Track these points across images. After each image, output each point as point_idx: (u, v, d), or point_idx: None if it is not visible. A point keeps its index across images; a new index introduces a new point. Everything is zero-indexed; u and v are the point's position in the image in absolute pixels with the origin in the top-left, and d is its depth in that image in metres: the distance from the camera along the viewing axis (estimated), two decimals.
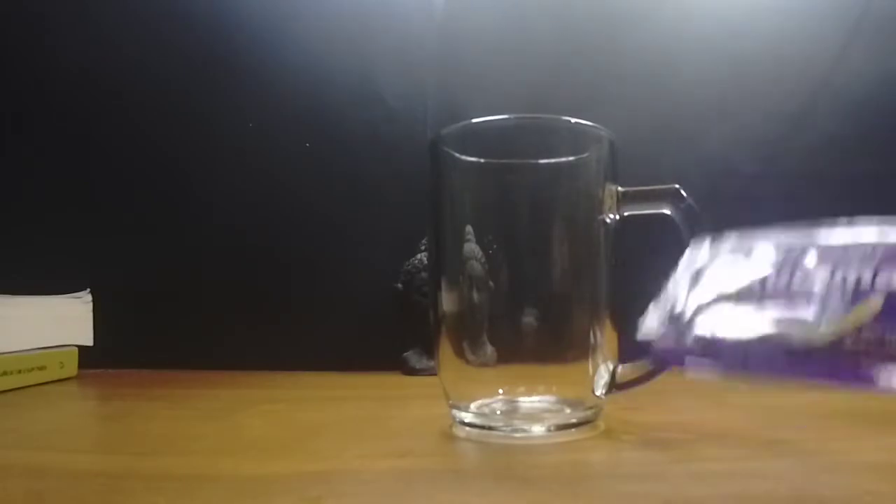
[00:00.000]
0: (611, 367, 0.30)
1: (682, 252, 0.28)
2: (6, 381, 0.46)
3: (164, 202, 0.64)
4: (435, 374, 0.33)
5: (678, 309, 0.19)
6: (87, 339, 0.58)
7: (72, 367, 0.54)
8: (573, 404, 0.30)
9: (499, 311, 0.29)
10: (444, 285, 0.30)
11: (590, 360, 0.29)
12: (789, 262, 0.17)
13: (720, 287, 0.19)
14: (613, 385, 0.30)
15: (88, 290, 0.59)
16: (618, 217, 0.30)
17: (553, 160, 0.29)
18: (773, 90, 0.63)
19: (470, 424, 0.29)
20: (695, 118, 0.62)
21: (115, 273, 0.63)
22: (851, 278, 0.15)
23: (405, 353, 0.55)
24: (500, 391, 0.30)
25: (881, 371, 0.16)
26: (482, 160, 0.30)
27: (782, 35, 0.63)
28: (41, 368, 0.50)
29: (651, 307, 0.20)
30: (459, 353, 0.30)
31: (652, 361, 0.27)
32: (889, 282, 0.15)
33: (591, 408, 0.30)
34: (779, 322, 0.17)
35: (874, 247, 0.15)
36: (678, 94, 0.63)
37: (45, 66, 0.66)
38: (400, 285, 0.56)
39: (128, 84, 0.65)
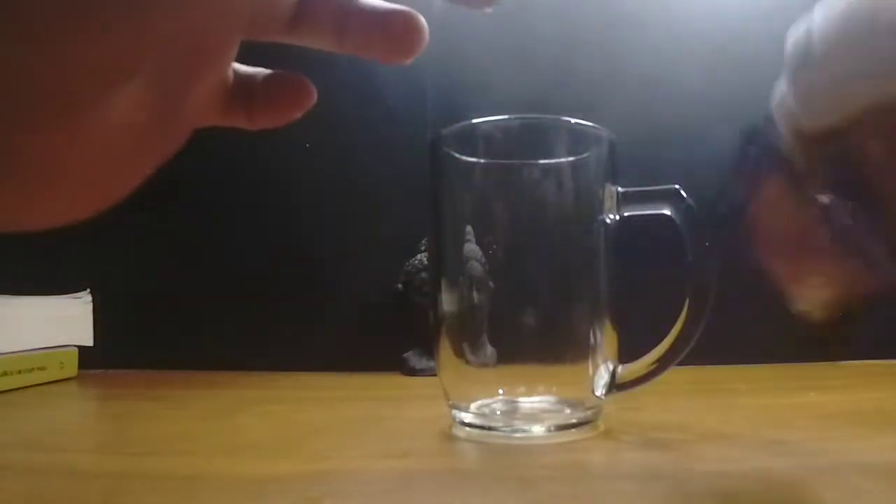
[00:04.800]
0: (611, 367, 0.30)
1: (682, 252, 0.28)
2: (6, 381, 0.46)
3: (163, 202, 0.64)
4: (435, 375, 0.33)
5: None
6: (87, 339, 0.58)
7: (72, 367, 0.54)
8: (573, 404, 0.30)
9: (499, 311, 0.29)
10: (444, 285, 0.30)
11: (590, 360, 0.29)
12: None
13: None
14: (613, 385, 0.30)
15: (88, 290, 0.59)
16: (618, 217, 0.30)
17: (553, 160, 0.29)
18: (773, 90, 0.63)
19: (470, 425, 0.29)
20: (695, 118, 0.62)
21: (115, 273, 0.63)
22: None
23: (405, 354, 0.55)
24: (500, 391, 0.30)
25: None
26: (482, 160, 0.30)
27: (782, 35, 0.63)
28: (41, 368, 0.50)
29: None
30: (459, 354, 0.30)
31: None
32: None
33: (591, 408, 0.30)
34: None
35: None
36: (678, 94, 0.63)
37: None
38: (400, 285, 0.56)
39: None
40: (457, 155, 0.30)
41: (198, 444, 0.28)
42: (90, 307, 0.59)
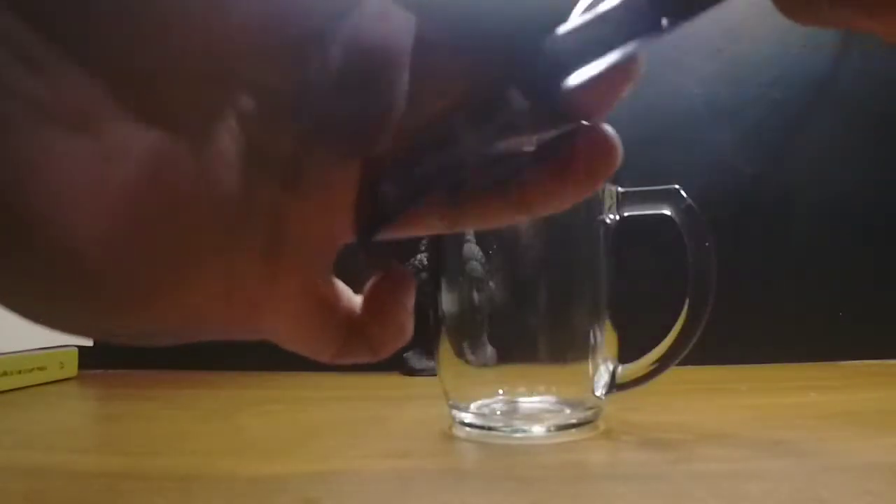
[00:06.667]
0: (611, 367, 0.30)
1: (682, 252, 0.28)
2: (6, 381, 0.46)
3: None
4: (435, 375, 0.33)
5: None
6: (87, 339, 0.58)
7: (72, 368, 0.54)
8: (573, 405, 0.30)
9: (499, 311, 0.29)
10: (444, 285, 0.30)
11: (590, 360, 0.29)
12: None
13: None
14: (613, 385, 0.30)
15: None
16: (618, 217, 0.30)
17: None
18: (773, 91, 0.63)
19: (470, 425, 0.29)
20: (695, 118, 0.62)
21: None
22: None
23: (405, 353, 0.54)
24: (500, 391, 0.30)
25: None
26: None
27: (781, 36, 0.63)
28: (41, 368, 0.50)
29: None
30: (459, 354, 0.30)
31: None
32: None
33: (590, 408, 0.30)
34: None
35: None
36: (678, 94, 0.63)
37: None
38: None
39: None
40: None
41: (198, 444, 0.28)
42: None
